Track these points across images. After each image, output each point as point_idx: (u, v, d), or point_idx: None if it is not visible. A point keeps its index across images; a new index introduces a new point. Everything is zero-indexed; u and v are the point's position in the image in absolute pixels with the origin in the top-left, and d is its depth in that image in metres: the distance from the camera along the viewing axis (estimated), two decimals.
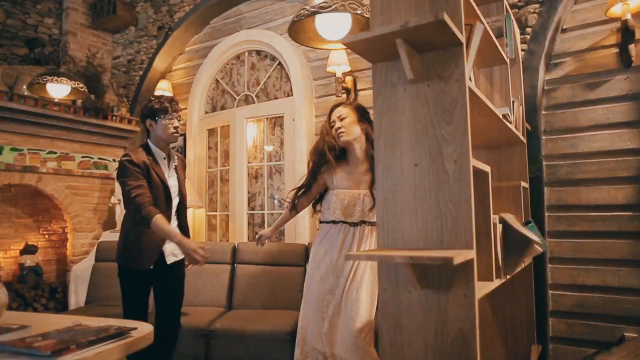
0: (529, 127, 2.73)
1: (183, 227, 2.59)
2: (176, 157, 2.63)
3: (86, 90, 3.59)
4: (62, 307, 4.27)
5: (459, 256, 1.22)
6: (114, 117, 4.68)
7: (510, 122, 2.05)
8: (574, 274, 2.77)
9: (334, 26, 2.11)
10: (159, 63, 4.88)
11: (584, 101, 2.82)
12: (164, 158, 2.53)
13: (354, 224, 2.32)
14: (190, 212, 4.49)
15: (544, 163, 2.88)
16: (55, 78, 3.16)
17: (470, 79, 1.64)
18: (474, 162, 1.51)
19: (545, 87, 2.92)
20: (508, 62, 2.20)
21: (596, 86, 2.78)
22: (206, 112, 4.69)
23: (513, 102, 2.44)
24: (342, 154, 2.39)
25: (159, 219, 2.29)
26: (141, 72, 4.99)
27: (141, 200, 2.31)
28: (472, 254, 1.35)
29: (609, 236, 2.68)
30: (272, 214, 4.15)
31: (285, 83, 4.16)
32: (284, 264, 3.40)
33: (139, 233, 2.40)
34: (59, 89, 3.38)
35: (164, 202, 2.45)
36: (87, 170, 4.54)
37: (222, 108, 4.59)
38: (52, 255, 4.68)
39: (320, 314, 2.26)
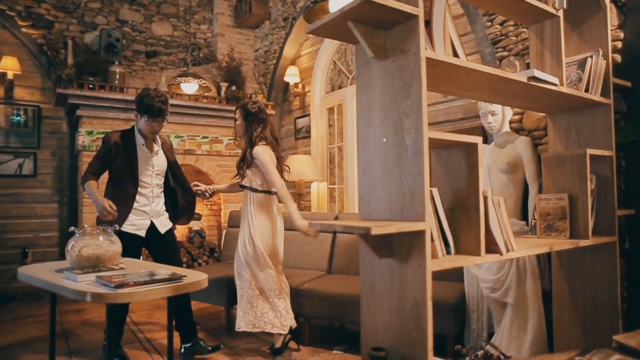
0: (628, 84, 2.28)
1: (175, 206, 2.84)
2: (160, 142, 2.79)
3: (208, 85, 4.29)
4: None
5: (381, 227, 1.27)
6: None
7: (554, 84, 1.82)
8: None
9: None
10: (288, 51, 5.39)
11: None
12: (142, 144, 2.68)
13: None
14: (314, 186, 4.96)
15: None
16: (184, 78, 3.90)
17: (453, 49, 1.57)
18: (446, 135, 1.48)
19: None
20: (560, 14, 1.91)
21: None
22: (326, 93, 5.03)
23: (591, 56, 2.11)
24: None
25: (90, 183, 2.55)
26: (275, 61, 5.60)
27: (86, 170, 2.60)
28: (420, 225, 1.37)
29: None
30: None
31: None
32: None
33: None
34: (189, 87, 4.15)
35: (130, 180, 2.65)
36: (232, 151, 5.39)
37: (339, 87, 4.86)
38: (213, 222, 5.74)
39: None
